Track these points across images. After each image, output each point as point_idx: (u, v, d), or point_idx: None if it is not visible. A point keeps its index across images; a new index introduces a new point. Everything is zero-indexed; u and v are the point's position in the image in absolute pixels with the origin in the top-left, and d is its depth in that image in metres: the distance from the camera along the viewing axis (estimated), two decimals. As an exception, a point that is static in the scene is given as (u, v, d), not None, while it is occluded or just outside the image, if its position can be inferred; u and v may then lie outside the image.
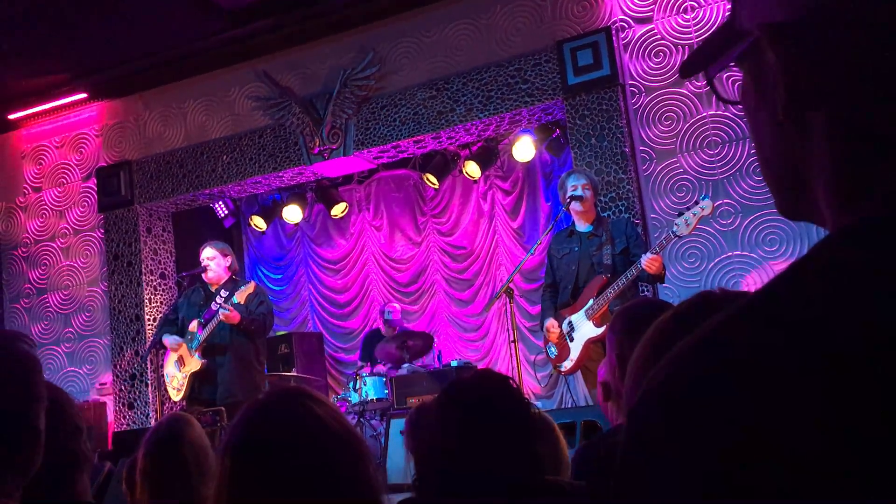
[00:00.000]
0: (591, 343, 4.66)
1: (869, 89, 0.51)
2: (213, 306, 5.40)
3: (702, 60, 0.64)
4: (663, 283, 4.83)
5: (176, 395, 5.60)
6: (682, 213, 4.54)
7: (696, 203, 4.53)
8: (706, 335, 0.50)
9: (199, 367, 5.45)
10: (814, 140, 0.55)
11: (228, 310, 5.27)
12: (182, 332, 5.63)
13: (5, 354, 1.31)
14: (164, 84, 7.60)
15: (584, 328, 4.71)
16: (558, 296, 4.91)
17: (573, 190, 4.81)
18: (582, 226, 4.89)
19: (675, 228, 4.52)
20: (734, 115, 5.75)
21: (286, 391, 1.39)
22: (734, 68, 0.63)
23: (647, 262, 4.44)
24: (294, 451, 1.24)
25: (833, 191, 0.54)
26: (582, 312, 4.72)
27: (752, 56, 0.58)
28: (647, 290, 5.49)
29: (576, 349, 4.75)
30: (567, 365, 4.82)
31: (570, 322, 4.78)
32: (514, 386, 1.71)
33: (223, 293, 5.40)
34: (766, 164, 0.62)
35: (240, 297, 5.32)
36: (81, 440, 1.78)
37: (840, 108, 0.53)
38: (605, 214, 5.43)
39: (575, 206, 4.83)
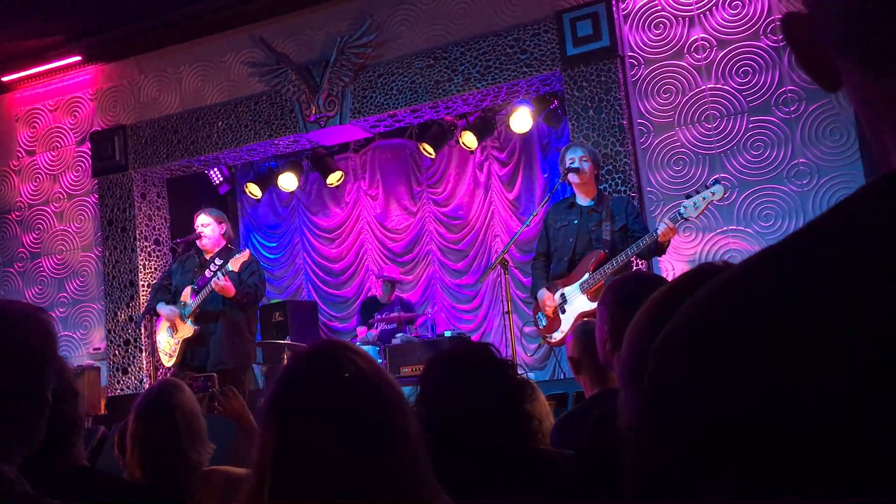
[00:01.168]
0: (583, 317, 4.66)
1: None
2: (207, 273, 5.39)
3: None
4: (662, 255, 4.83)
5: (168, 361, 5.60)
6: (691, 196, 4.50)
7: (707, 187, 4.49)
8: (724, 278, 0.50)
9: (191, 334, 5.45)
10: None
11: (223, 280, 5.25)
12: (175, 298, 5.63)
13: (25, 326, 1.31)
14: (159, 48, 7.52)
15: (578, 301, 4.71)
16: (552, 266, 4.90)
17: (571, 162, 4.79)
18: (583, 199, 4.87)
19: (682, 210, 4.49)
20: (733, 88, 5.72)
21: (327, 345, 1.38)
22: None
23: (666, 229, 4.40)
24: (342, 405, 1.24)
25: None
26: (576, 285, 4.72)
27: None
28: (642, 266, 5.50)
29: (567, 321, 4.76)
30: (556, 336, 4.84)
31: (563, 294, 4.78)
32: (496, 353, 1.72)
33: (217, 261, 5.38)
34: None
35: (234, 264, 5.30)
36: (77, 405, 1.79)
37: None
38: (602, 187, 5.42)
39: (572, 178, 4.81)
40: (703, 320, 0.50)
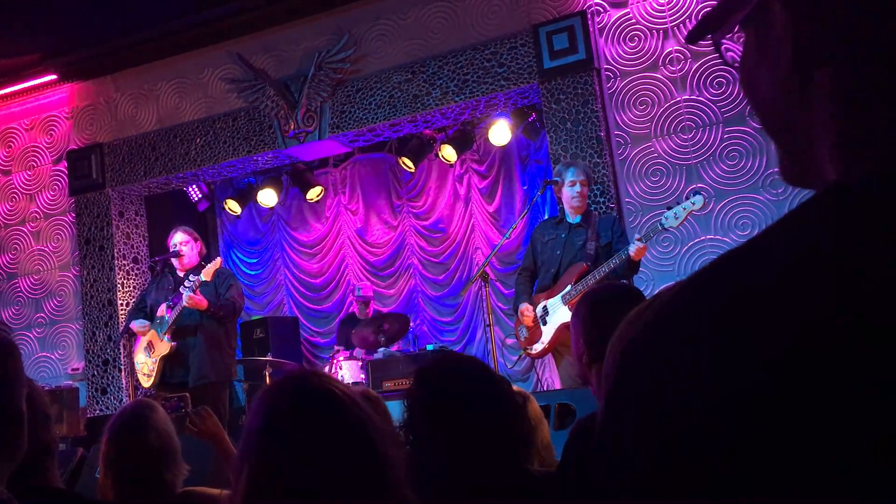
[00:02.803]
0: (564, 328, 4.69)
1: (872, 49, 0.51)
2: (182, 290, 5.35)
3: (709, 25, 0.64)
4: (636, 273, 4.87)
5: (146, 382, 5.52)
6: (672, 207, 4.56)
7: (688, 198, 4.56)
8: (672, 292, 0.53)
9: (168, 351, 5.39)
10: (817, 100, 0.54)
11: (194, 293, 5.21)
12: (151, 317, 5.58)
13: None
14: (136, 65, 7.49)
15: (559, 313, 4.73)
16: (538, 280, 4.95)
17: (572, 185, 4.85)
18: (572, 216, 4.93)
19: (663, 221, 4.55)
20: (708, 99, 5.78)
21: (301, 373, 1.38)
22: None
23: (637, 248, 4.46)
24: (326, 432, 1.24)
25: (836, 153, 0.53)
26: (558, 297, 4.74)
27: (757, 16, 0.58)
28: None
29: (548, 333, 4.78)
30: (537, 348, 4.85)
31: (545, 306, 4.81)
32: (487, 366, 1.72)
33: (191, 277, 5.34)
34: (767, 125, 0.61)
35: (206, 274, 5.26)
36: (50, 428, 1.77)
37: (845, 66, 0.52)
38: (591, 208, 5.47)
39: (571, 198, 4.87)
40: (657, 330, 0.51)
